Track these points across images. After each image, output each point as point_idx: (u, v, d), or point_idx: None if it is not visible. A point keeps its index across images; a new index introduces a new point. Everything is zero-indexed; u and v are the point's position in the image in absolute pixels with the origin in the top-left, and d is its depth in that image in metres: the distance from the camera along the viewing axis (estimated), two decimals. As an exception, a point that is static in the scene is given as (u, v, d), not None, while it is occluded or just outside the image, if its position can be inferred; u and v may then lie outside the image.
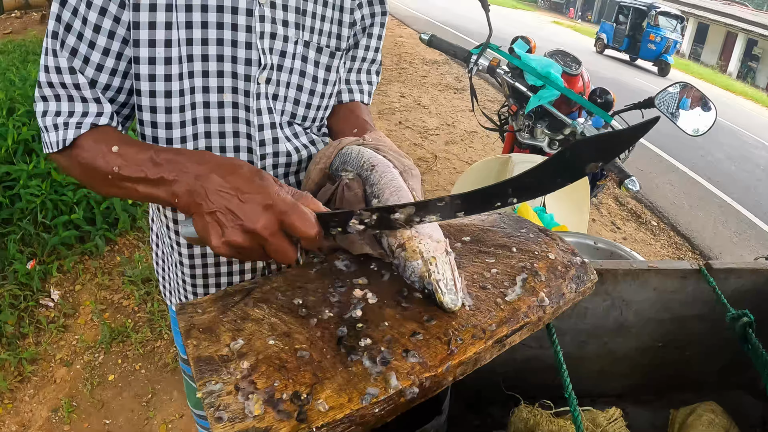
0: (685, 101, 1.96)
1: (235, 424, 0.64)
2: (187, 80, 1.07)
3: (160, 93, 1.07)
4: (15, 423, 2.90)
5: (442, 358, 0.72)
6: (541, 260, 0.91)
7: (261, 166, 1.18)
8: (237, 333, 0.77)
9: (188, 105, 1.09)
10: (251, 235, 0.82)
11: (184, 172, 0.89)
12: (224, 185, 0.85)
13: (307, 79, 1.21)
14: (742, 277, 1.18)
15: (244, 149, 1.16)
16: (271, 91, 1.15)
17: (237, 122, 1.14)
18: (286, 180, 1.25)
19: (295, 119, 1.23)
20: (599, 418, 1.05)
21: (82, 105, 1.04)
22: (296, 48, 1.16)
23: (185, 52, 1.05)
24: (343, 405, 0.66)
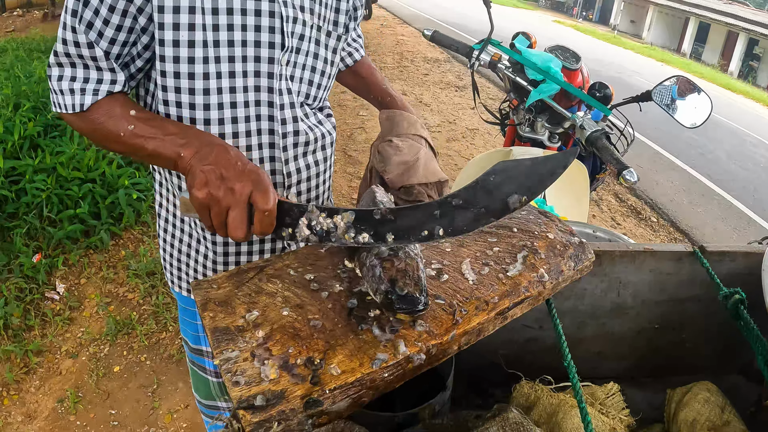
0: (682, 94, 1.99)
1: (252, 387, 0.68)
2: (213, 65, 1.13)
3: (184, 75, 1.13)
4: (21, 414, 2.93)
5: (448, 327, 0.76)
6: (540, 239, 0.95)
7: (282, 145, 1.27)
8: (252, 305, 0.81)
9: (214, 89, 1.15)
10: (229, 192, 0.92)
11: (195, 138, 1.03)
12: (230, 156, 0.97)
13: (319, 60, 1.29)
14: (735, 259, 1.21)
15: (266, 131, 1.24)
16: (289, 73, 1.23)
17: (259, 105, 1.21)
18: (304, 159, 1.34)
19: (307, 99, 1.31)
20: (597, 393, 1.08)
21: (98, 73, 1.12)
22: (311, 32, 1.24)
23: (211, 37, 1.10)
24: (355, 369, 0.70)
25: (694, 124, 1.99)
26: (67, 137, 4.41)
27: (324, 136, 1.38)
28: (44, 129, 4.54)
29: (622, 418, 1.05)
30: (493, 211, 0.80)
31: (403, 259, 0.80)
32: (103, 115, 1.11)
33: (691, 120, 1.99)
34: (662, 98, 2.01)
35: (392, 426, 0.98)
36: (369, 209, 0.84)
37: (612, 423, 1.03)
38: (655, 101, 2.02)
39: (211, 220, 0.94)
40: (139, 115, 1.09)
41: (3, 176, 3.86)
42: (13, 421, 2.89)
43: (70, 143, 4.30)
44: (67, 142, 4.33)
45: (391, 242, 0.82)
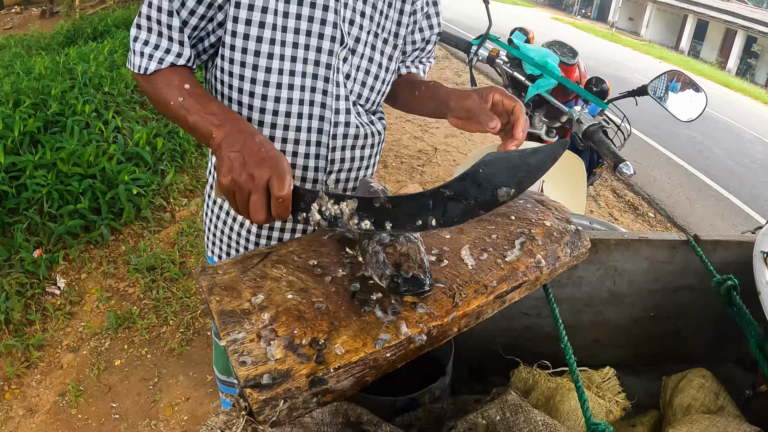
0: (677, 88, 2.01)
1: (258, 366, 0.70)
2: (278, 47, 1.23)
3: (251, 51, 1.23)
4: (22, 408, 2.95)
5: (448, 310, 0.78)
6: (538, 227, 0.97)
7: (332, 133, 1.35)
8: (257, 289, 0.83)
9: (275, 69, 1.25)
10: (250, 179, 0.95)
11: (230, 122, 1.08)
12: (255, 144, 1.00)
13: (374, 65, 1.36)
14: (728, 249, 1.24)
15: (317, 117, 1.32)
16: (345, 70, 1.31)
17: (314, 92, 1.29)
18: (351, 152, 1.42)
19: (359, 99, 1.38)
20: (594, 377, 1.11)
21: (169, 43, 1.22)
22: (368, 36, 1.32)
23: (280, 22, 1.21)
24: (358, 349, 0.72)
25: (690, 117, 2.01)
26: (67, 133, 4.42)
27: (373, 135, 1.45)
28: (44, 125, 4.55)
29: (618, 401, 1.08)
30: (482, 204, 0.84)
31: (405, 244, 0.83)
32: (162, 82, 1.21)
33: (686, 114, 2.01)
34: (658, 93, 2.04)
35: (393, 410, 1.00)
36: (370, 197, 0.87)
37: (608, 405, 1.05)
38: (651, 96, 2.05)
39: (237, 204, 0.98)
40: (192, 90, 1.17)
41: (3, 172, 3.87)
42: (14, 414, 2.91)
43: (70, 139, 4.31)
44: (67, 138, 4.34)
45: (389, 230, 0.84)
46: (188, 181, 5.02)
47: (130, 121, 5.06)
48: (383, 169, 5.85)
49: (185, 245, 4.17)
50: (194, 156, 5.36)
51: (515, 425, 0.89)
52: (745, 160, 9.97)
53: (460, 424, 0.92)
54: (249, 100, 1.29)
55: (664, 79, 2.04)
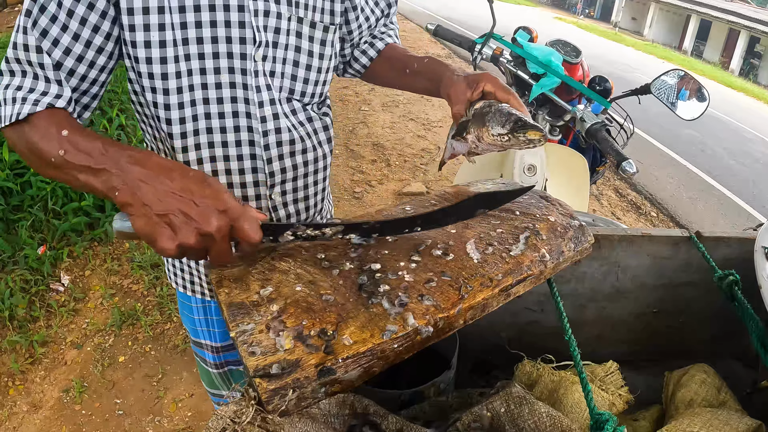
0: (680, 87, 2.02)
1: (267, 357, 0.71)
2: (183, 63, 1.11)
3: (157, 75, 1.11)
4: (26, 404, 2.97)
5: (454, 302, 0.80)
6: (542, 222, 0.98)
7: (264, 143, 1.23)
8: (265, 282, 0.84)
9: (186, 87, 1.13)
10: (204, 237, 0.82)
11: (127, 171, 0.87)
12: (176, 188, 0.84)
13: (303, 54, 1.24)
14: (730, 245, 1.25)
15: (245, 128, 1.21)
16: (268, 68, 1.19)
17: (235, 102, 1.18)
18: (291, 159, 1.30)
19: (293, 95, 1.26)
20: (597, 371, 1.12)
21: (44, 84, 1.04)
22: (290, 24, 1.19)
23: (180, 35, 1.08)
24: (366, 340, 0.73)
25: (692, 116, 2.02)
26: (72, 131, 4.43)
27: (310, 135, 1.33)
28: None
29: (621, 394, 1.09)
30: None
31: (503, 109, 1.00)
32: (37, 133, 0.99)
33: (688, 112, 2.02)
34: (660, 91, 2.05)
35: (399, 403, 1.02)
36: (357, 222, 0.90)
37: (611, 399, 1.07)
38: (654, 94, 2.06)
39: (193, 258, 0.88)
40: (71, 137, 0.95)
41: (8, 169, 3.89)
42: (18, 410, 2.93)
43: (74, 137, 4.32)
44: (71, 135, 4.35)
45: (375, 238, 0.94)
46: (192, 178, 5.03)
47: (133, 119, 5.08)
48: (386, 167, 5.86)
49: (189, 242, 4.18)
50: (198, 154, 5.37)
51: (520, 417, 0.90)
52: (748, 160, 9.97)
53: (465, 417, 0.93)
54: (167, 127, 1.17)
55: (667, 78, 2.05)
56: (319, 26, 1.24)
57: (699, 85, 2.02)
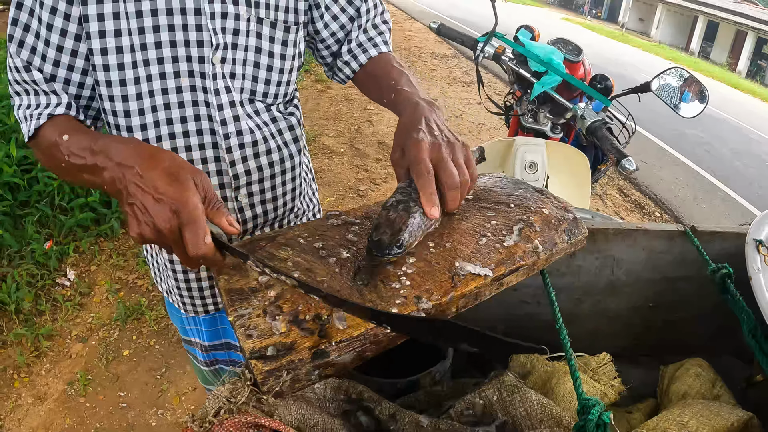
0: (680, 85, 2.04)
1: (264, 339, 0.73)
2: (142, 68, 1.11)
3: (116, 82, 1.11)
4: (31, 396, 3.00)
5: (446, 290, 0.82)
6: (536, 214, 1.00)
7: (226, 146, 1.23)
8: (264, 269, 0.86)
9: (146, 93, 1.14)
10: (159, 233, 0.83)
11: (110, 160, 0.89)
12: (143, 180, 0.84)
13: (263, 55, 1.23)
14: (726, 240, 1.26)
15: (207, 132, 1.21)
16: (228, 70, 1.18)
17: (197, 105, 1.18)
18: (256, 161, 1.29)
19: (255, 96, 1.26)
20: (591, 362, 1.14)
21: (44, 97, 1.10)
22: (249, 25, 1.18)
23: (138, 41, 1.09)
24: (359, 324, 0.75)
25: (692, 114, 2.03)
26: (78, 127, 4.47)
27: (274, 135, 1.32)
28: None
29: (613, 385, 1.10)
30: None
31: (399, 212, 0.86)
32: (44, 141, 1.07)
33: (688, 110, 2.03)
34: (660, 89, 2.06)
35: (395, 391, 1.03)
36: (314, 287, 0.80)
37: (603, 389, 1.08)
38: (654, 92, 2.07)
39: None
40: (70, 139, 1.00)
41: (16, 165, 3.92)
42: (23, 402, 2.97)
43: (81, 133, 4.36)
44: (78, 131, 4.39)
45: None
46: (197, 175, 5.07)
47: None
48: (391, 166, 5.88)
49: (194, 238, 4.21)
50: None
51: (511, 405, 0.92)
52: (753, 161, 9.97)
53: (458, 404, 0.95)
54: (128, 135, 1.16)
55: (667, 76, 2.06)
56: (280, 26, 1.23)
57: (699, 83, 2.04)
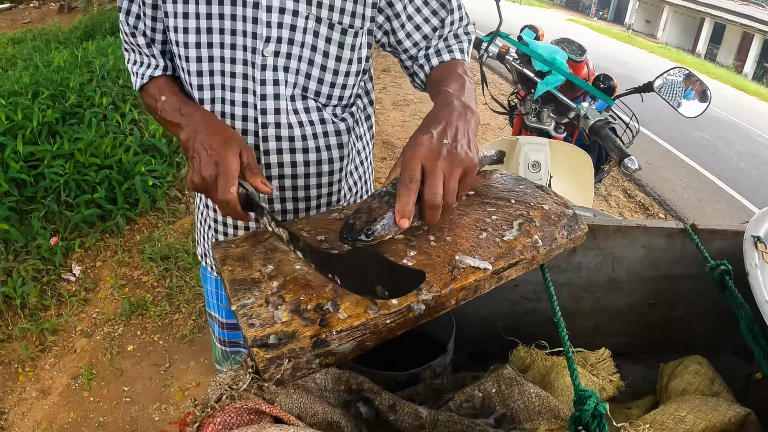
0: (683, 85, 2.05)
1: (266, 328, 0.75)
2: (205, 50, 1.22)
3: (187, 58, 1.24)
4: (36, 390, 3.02)
5: (446, 282, 0.83)
6: (536, 210, 1.01)
7: (263, 135, 1.28)
8: (267, 261, 0.88)
9: (206, 72, 1.24)
10: (203, 180, 1.03)
11: (189, 124, 1.13)
12: (205, 142, 1.06)
13: (318, 53, 1.25)
14: (725, 238, 1.27)
15: (250, 119, 1.27)
16: (281, 64, 1.22)
17: (246, 92, 1.25)
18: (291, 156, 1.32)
19: (307, 93, 1.28)
20: (590, 357, 1.15)
21: (146, 59, 1.33)
22: (307, 23, 1.21)
23: (204, 24, 1.19)
24: (360, 314, 0.76)
25: (694, 114, 2.04)
26: (85, 125, 4.51)
27: (317, 137, 1.33)
28: (62, 116, 4.64)
29: (612, 380, 1.12)
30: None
31: (381, 203, 0.87)
32: (146, 97, 1.33)
33: (690, 110, 2.04)
34: (663, 89, 2.07)
35: (395, 384, 1.05)
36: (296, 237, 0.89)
37: (602, 383, 1.09)
38: (656, 92, 2.08)
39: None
40: (166, 99, 1.25)
41: (22, 161, 3.95)
42: (28, 396, 2.99)
43: (87, 130, 4.39)
44: (84, 129, 4.42)
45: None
46: (202, 173, 5.09)
47: (146, 114, 5.14)
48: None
49: (199, 236, 4.23)
50: (209, 149, 5.43)
51: (509, 397, 0.93)
52: (758, 163, 9.94)
53: (458, 396, 0.96)
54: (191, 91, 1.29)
55: (670, 76, 2.07)
56: (338, 28, 1.24)
57: (701, 83, 2.05)
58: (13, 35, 11.91)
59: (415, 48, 1.35)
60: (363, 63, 1.35)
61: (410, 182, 0.86)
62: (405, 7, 1.29)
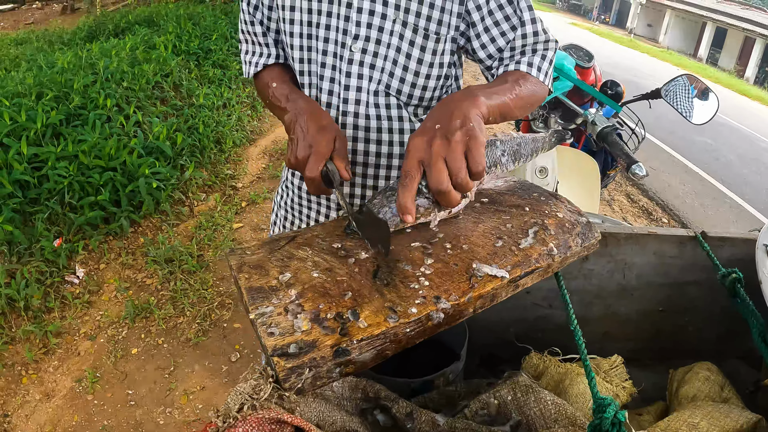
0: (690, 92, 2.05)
1: (286, 337, 0.75)
2: (305, 40, 1.36)
3: (292, 46, 1.39)
4: (39, 392, 3.02)
5: (464, 291, 0.83)
6: (550, 218, 1.02)
7: (341, 122, 1.40)
8: (284, 268, 0.88)
9: (306, 59, 1.39)
10: (297, 160, 1.12)
11: (294, 109, 1.23)
12: (305, 125, 1.15)
13: (401, 55, 1.34)
14: (735, 245, 1.27)
15: (334, 106, 1.40)
16: (368, 61, 1.34)
17: (333, 82, 1.38)
18: (365, 146, 1.44)
19: (390, 90, 1.38)
20: (602, 364, 1.15)
21: (260, 48, 1.48)
22: (394, 26, 1.31)
23: (306, 18, 1.34)
24: (380, 323, 0.77)
25: (702, 121, 2.04)
26: (89, 126, 4.50)
27: (392, 131, 1.42)
28: (66, 118, 4.64)
29: (624, 386, 1.12)
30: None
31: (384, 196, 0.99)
32: (259, 84, 1.48)
33: (698, 117, 2.04)
34: (671, 96, 2.07)
35: (409, 391, 1.05)
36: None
37: (615, 390, 1.10)
38: (664, 99, 2.08)
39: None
40: (276, 87, 1.39)
41: (26, 162, 3.95)
42: (31, 399, 2.99)
43: (91, 132, 4.39)
44: (88, 131, 4.42)
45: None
46: (207, 176, 5.10)
47: (150, 116, 5.15)
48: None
49: (203, 239, 4.25)
50: (213, 152, 5.44)
51: (526, 405, 0.93)
52: (761, 168, 9.96)
53: (473, 404, 0.96)
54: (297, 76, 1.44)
55: (678, 83, 2.07)
56: (421, 32, 1.32)
57: (708, 89, 2.05)
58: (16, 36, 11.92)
59: (490, 60, 1.39)
60: (445, 68, 1.40)
61: (405, 178, 0.91)
62: (483, 19, 1.33)
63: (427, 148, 0.91)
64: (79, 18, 13.71)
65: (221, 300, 3.69)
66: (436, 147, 0.90)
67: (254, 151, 6.10)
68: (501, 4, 1.31)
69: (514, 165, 1.14)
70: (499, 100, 1.13)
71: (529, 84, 1.29)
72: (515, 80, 1.25)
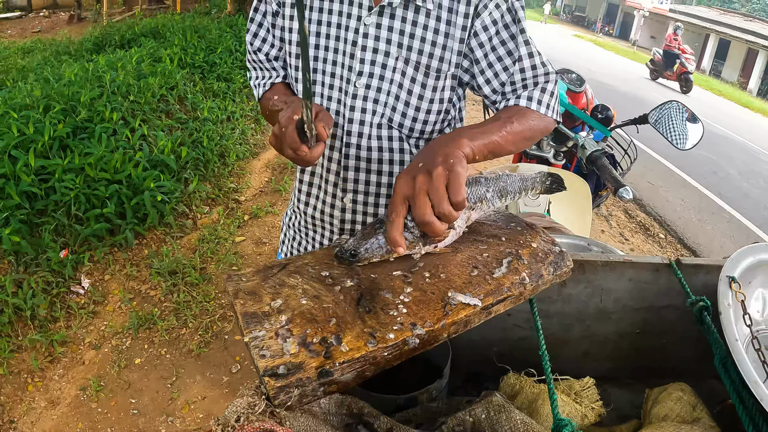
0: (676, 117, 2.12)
1: (276, 359, 0.82)
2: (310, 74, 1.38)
3: (296, 79, 1.52)
4: (44, 400, 3.10)
5: (439, 318, 0.91)
6: (525, 248, 1.09)
7: (344, 152, 1.48)
8: (276, 295, 0.96)
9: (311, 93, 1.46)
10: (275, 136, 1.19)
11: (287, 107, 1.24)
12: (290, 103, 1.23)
13: (403, 91, 1.43)
14: (710, 272, 1.34)
15: (338, 137, 1.47)
16: (371, 95, 1.42)
17: (337, 114, 1.46)
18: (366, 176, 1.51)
19: (392, 123, 1.46)
20: (575, 385, 1.22)
21: (267, 73, 1.58)
22: (396, 63, 1.39)
23: (312, 52, 1.42)
24: (360, 347, 0.84)
25: (687, 146, 2.12)
26: (95, 139, 4.58)
27: (393, 162, 1.49)
28: (73, 131, 4.72)
29: (593, 407, 1.19)
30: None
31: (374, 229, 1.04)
32: (264, 100, 1.57)
33: (683, 143, 2.12)
34: (657, 122, 2.15)
35: (394, 406, 1.12)
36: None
37: (584, 411, 1.17)
38: (651, 125, 2.16)
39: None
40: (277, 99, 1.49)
41: (33, 174, 4.03)
42: (37, 406, 3.06)
43: (98, 145, 4.47)
44: (95, 143, 4.50)
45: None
46: (210, 189, 5.18)
47: (155, 130, 5.23)
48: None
49: (206, 252, 4.32)
50: (217, 165, 5.52)
51: (497, 423, 1.00)
52: (760, 182, 9.97)
53: (450, 421, 1.03)
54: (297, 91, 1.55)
55: (663, 109, 2.15)
56: (422, 70, 1.40)
57: (694, 116, 2.12)
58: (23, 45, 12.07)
59: (494, 94, 1.46)
60: (445, 104, 1.49)
61: (392, 214, 1.00)
62: (486, 55, 1.41)
63: (412, 184, 1.00)
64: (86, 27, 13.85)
65: (223, 312, 3.76)
66: (419, 183, 0.99)
67: (257, 164, 6.19)
68: (503, 39, 1.39)
69: (501, 201, 1.19)
70: (487, 139, 1.21)
71: (527, 119, 1.37)
72: (508, 117, 1.33)
